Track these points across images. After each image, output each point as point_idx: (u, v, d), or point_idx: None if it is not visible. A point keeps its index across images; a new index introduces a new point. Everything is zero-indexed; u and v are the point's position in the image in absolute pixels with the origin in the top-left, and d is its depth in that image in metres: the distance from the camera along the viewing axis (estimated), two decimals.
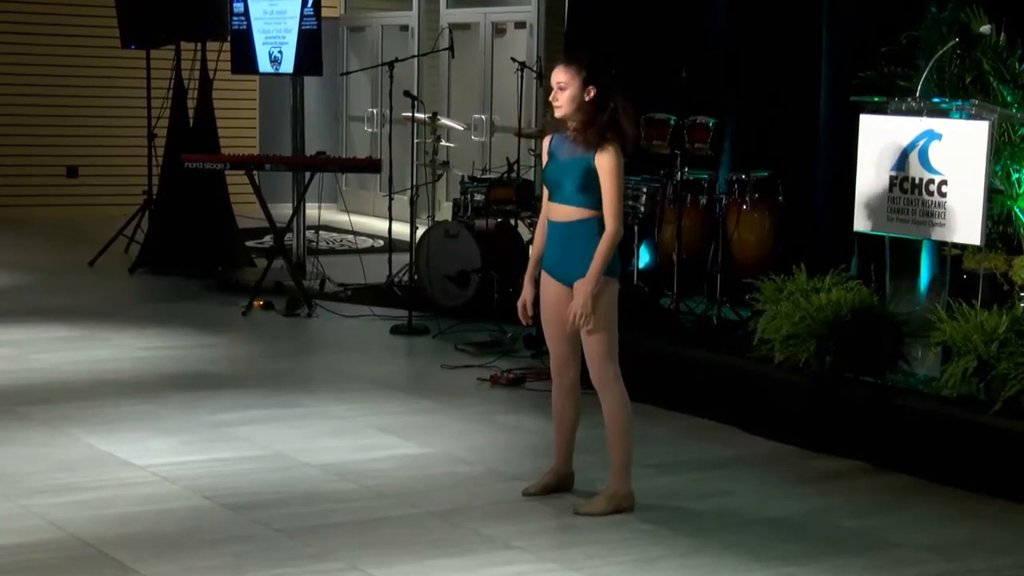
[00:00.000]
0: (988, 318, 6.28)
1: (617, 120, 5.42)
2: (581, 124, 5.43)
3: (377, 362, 8.41)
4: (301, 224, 11.29)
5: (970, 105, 6.59)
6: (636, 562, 5.08)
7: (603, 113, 5.41)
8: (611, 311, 5.51)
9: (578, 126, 5.44)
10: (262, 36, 11.38)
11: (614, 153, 5.38)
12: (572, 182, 5.45)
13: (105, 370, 7.91)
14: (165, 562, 4.92)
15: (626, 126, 5.46)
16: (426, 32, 14.93)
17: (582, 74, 5.43)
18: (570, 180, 5.46)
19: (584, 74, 5.43)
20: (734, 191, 8.74)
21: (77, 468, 6.03)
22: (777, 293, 7.08)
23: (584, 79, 5.43)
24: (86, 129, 14.90)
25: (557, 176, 5.50)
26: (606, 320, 5.49)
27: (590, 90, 5.43)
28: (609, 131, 5.40)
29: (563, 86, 5.46)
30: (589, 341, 5.51)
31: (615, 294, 5.54)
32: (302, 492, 5.80)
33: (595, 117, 5.40)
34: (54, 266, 11.68)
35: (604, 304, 5.48)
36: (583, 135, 5.42)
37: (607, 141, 5.38)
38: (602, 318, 5.47)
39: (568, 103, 5.45)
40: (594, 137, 5.39)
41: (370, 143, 15.65)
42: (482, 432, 6.81)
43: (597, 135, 5.39)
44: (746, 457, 6.55)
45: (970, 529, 5.58)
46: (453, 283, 9.58)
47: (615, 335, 5.54)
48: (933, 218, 6.61)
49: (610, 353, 5.52)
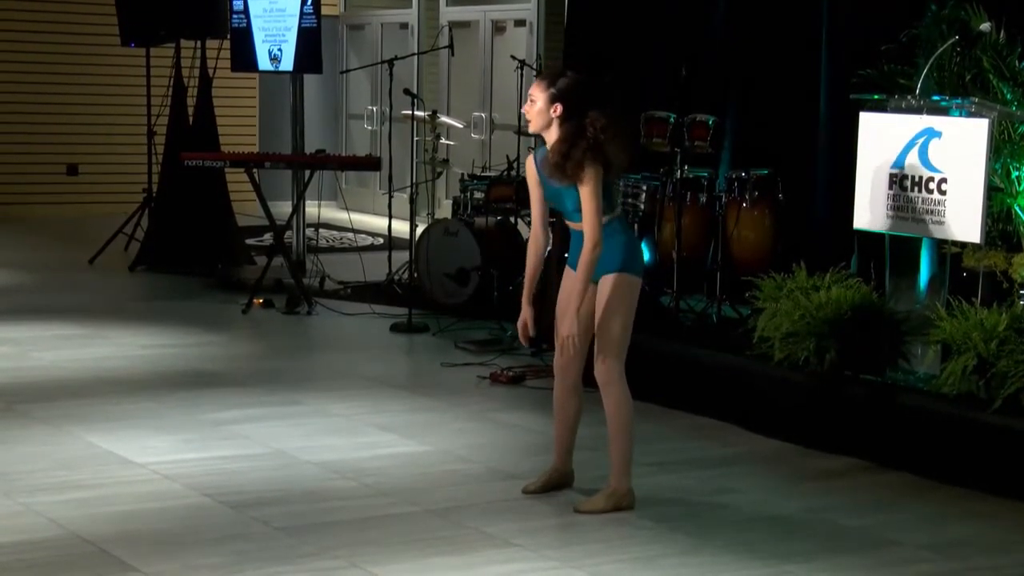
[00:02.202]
0: (988, 316, 6.28)
1: (599, 147, 5.31)
2: (559, 156, 5.35)
3: (377, 360, 8.42)
4: (301, 222, 11.30)
5: (970, 103, 6.60)
6: (636, 560, 5.08)
7: (580, 142, 5.31)
8: (630, 309, 5.53)
9: (556, 158, 5.36)
10: (262, 34, 11.39)
11: (593, 177, 5.32)
12: (570, 203, 5.46)
13: (105, 368, 7.92)
14: (165, 560, 4.93)
15: (612, 153, 5.34)
16: (426, 30, 14.93)
17: (550, 90, 5.39)
18: (568, 202, 5.47)
19: (552, 90, 5.39)
20: (734, 189, 8.74)
21: (77, 466, 6.03)
22: (777, 291, 7.08)
23: (552, 95, 5.38)
24: (86, 127, 14.90)
25: (554, 199, 5.52)
26: (625, 316, 5.51)
27: (556, 107, 5.38)
28: (588, 161, 5.30)
29: (533, 99, 5.44)
30: (603, 336, 5.52)
31: (637, 293, 5.56)
32: (302, 490, 5.80)
33: (571, 149, 5.32)
34: (54, 264, 11.68)
35: (626, 302, 5.50)
36: (561, 172, 5.37)
37: (585, 171, 5.32)
38: (621, 315, 5.49)
39: (536, 117, 5.44)
40: (573, 171, 5.34)
41: (370, 141, 15.65)
42: (482, 430, 6.81)
43: (576, 170, 5.33)
44: (746, 455, 6.55)
45: (970, 527, 5.58)
46: (453, 281, 9.59)
47: (629, 334, 5.56)
48: (933, 216, 6.61)
49: (620, 351, 5.53)
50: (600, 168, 5.32)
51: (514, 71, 10.37)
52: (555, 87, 5.39)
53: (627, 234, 5.58)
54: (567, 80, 5.41)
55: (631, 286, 5.51)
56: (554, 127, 5.41)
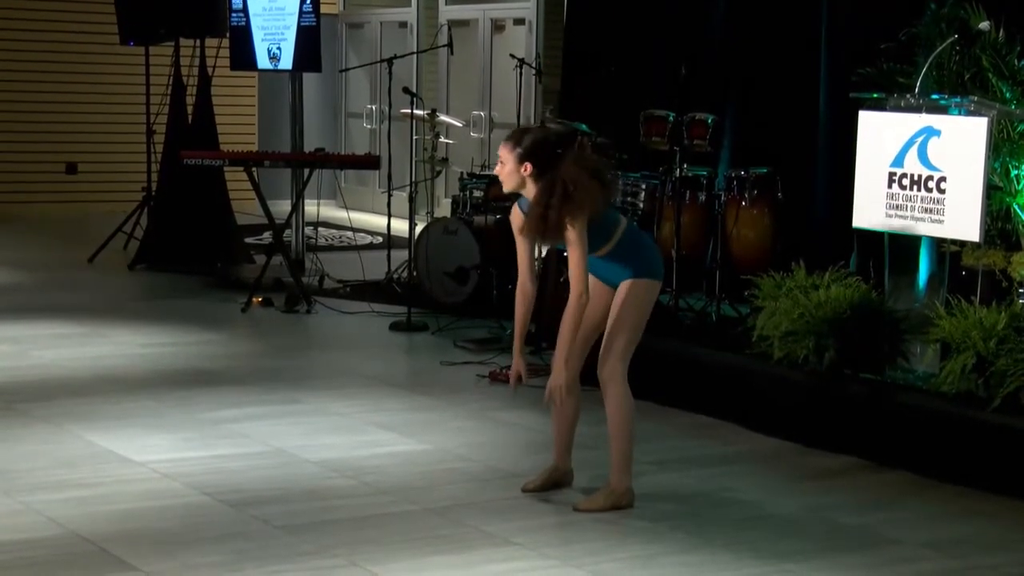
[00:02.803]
0: (987, 315, 6.28)
1: (574, 201, 5.29)
2: (537, 222, 5.36)
3: (376, 359, 8.42)
4: (300, 221, 11.30)
5: (969, 101, 6.60)
6: (635, 558, 5.08)
7: (554, 202, 5.29)
8: (644, 314, 5.57)
9: (535, 223, 5.38)
10: (261, 33, 11.39)
11: (575, 229, 5.32)
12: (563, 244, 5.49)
13: (105, 367, 7.92)
14: (165, 558, 4.93)
15: (589, 201, 5.31)
16: (425, 28, 14.93)
17: (516, 150, 5.41)
18: (561, 243, 5.49)
19: (518, 150, 5.40)
20: (733, 188, 8.74)
21: (77, 465, 6.03)
22: (776, 290, 7.09)
23: (519, 155, 5.40)
24: (85, 126, 14.90)
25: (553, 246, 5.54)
26: (637, 319, 5.54)
27: (526, 166, 5.39)
28: (567, 219, 5.30)
29: (502, 161, 5.47)
30: (613, 334, 5.53)
31: (654, 297, 5.59)
32: (301, 488, 5.80)
33: (547, 211, 5.32)
34: (53, 263, 11.68)
35: (642, 307, 5.54)
36: (543, 237, 5.43)
37: (567, 228, 5.33)
38: (634, 316, 5.52)
39: (507, 179, 5.46)
40: (554, 231, 5.36)
41: (369, 140, 15.65)
42: (481, 429, 6.81)
43: (557, 232, 5.35)
44: (745, 454, 6.55)
45: (969, 525, 5.58)
46: (452, 279, 9.59)
47: (638, 337, 5.58)
48: (932, 215, 6.61)
49: (626, 352, 5.56)
50: (581, 219, 5.33)
51: (513, 70, 10.37)
52: (521, 147, 5.41)
53: (639, 241, 5.60)
54: (532, 137, 5.42)
55: (649, 290, 5.56)
56: (529, 184, 5.44)
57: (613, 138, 9.18)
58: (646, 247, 5.64)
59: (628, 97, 9.77)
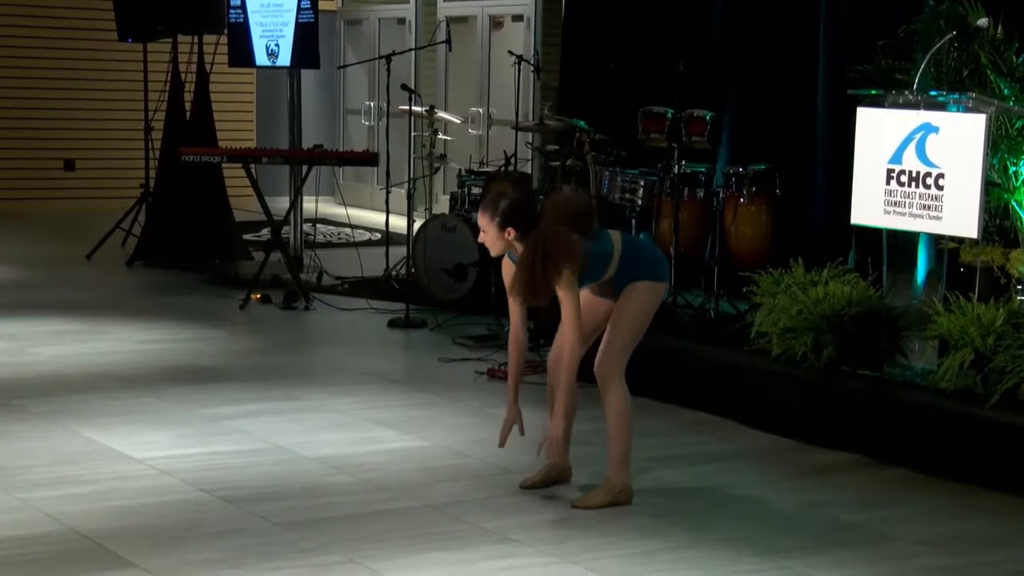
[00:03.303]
0: (985, 311, 6.28)
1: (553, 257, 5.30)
2: (526, 287, 5.37)
3: (374, 355, 8.41)
4: (298, 217, 11.30)
5: (967, 98, 6.59)
6: (634, 555, 5.08)
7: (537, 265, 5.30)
8: (648, 315, 5.59)
9: (523, 289, 5.39)
10: (259, 29, 11.39)
11: (564, 282, 5.33)
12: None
13: (103, 363, 7.91)
14: (163, 555, 4.93)
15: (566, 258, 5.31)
16: (423, 25, 14.92)
17: (495, 220, 5.42)
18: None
19: (498, 219, 5.41)
20: (731, 184, 8.74)
21: (75, 461, 6.03)
22: (775, 286, 7.09)
23: (499, 223, 5.41)
24: (83, 122, 14.89)
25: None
26: (638, 319, 5.56)
27: (508, 231, 5.41)
28: (554, 277, 5.32)
29: (484, 230, 5.48)
30: (615, 331, 5.54)
31: (659, 298, 5.62)
32: (300, 485, 5.80)
33: (532, 272, 5.33)
34: (51, 259, 11.67)
35: (647, 309, 5.57)
36: (534, 299, 5.42)
37: (556, 285, 5.34)
38: (636, 316, 5.54)
39: (493, 245, 5.48)
40: (544, 291, 5.37)
41: (367, 136, 15.65)
42: (480, 425, 6.81)
43: (546, 291, 5.37)
44: (743, 450, 6.55)
45: (968, 522, 5.58)
46: (450, 276, 9.59)
47: (639, 337, 5.60)
48: (930, 211, 6.61)
49: (626, 351, 5.57)
50: (568, 270, 5.33)
51: (512, 66, 10.36)
52: (499, 215, 5.41)
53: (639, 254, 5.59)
54: (507, 203, 5.41)
55: (652, 291, 5.57)
56: (517, 245, 5.45)
57: (611, 135, 9.19)
58: (646, 257, 5.64)
59: (626, 93, 9.78)
